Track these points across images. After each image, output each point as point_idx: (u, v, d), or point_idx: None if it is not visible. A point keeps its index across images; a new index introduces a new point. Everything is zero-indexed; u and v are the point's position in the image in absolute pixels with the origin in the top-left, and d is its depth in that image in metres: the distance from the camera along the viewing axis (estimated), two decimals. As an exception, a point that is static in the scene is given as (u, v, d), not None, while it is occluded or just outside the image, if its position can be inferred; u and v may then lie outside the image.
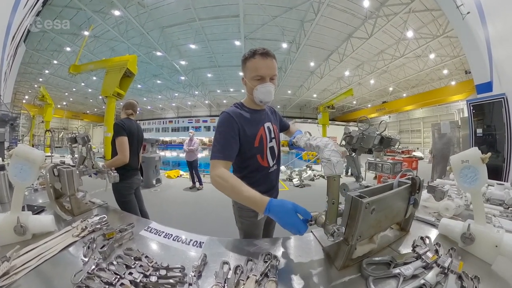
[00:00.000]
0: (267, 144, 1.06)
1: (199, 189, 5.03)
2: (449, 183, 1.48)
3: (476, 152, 0.75)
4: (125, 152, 1.74)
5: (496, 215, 1.03)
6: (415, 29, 10.87)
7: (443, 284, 0.58)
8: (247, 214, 1.08)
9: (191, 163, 5.12)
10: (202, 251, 0.76)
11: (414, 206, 0.81)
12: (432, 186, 1.05)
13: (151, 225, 0.95)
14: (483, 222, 0.76)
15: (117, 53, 12.71)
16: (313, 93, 23.24)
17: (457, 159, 0.81)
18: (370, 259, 0.68)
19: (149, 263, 0.66)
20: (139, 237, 0.86)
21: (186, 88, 21.96)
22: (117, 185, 1.73)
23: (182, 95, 25.32)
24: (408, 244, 0.78)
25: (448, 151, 4.82)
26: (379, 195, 0.67)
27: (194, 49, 13.94)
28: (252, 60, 0.96)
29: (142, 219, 1.11)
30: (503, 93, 3.09)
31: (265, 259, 0.67)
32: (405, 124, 24.39)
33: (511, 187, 1.35)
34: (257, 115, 1.07)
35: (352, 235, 0.62)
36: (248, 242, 0.84)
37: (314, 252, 0.78)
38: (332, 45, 13.45)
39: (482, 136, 3.41)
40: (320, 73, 17.57)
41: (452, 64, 14.30)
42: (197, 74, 19.37)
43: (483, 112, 3.44)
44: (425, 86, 19.06)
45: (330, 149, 0.71)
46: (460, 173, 0.80)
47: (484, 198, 1.27)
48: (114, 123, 1.83)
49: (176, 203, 4.06)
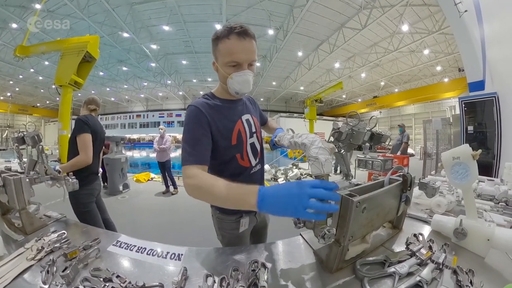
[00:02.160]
0: (247, 140, 0.98)
1: (173, 193, 4.95)
2: (440, 180, 1.64)
3: (467, 149, 0.83)
4: (88, 151, 1.71)
5: (487, 210, 1.16)
6: (411, 23, 11.57)
7: (438, 280, 0.64)
8: (229, 226, 1.01)
9: (163, 164, 4.99)
10: (181, 264, 0.76)
11: (406, 203, 0.87)
12: (423, 182, 1.15)
13: (121, 239, 0.92)
14: (475, 217, 0.85)
15: (76, 32, 11.71)
16: (300, 85, 23.75)
17: (448, 155, 0.89)
18: (364, 259, 0.72)
19: (122, 284, 0.63)
20: (107, 254, 0.82)
21: (157, 76, 21.26)
22: (76, 193, 1.63)
23: (152, 85, 24.49)
24: (402, 242, 0.84)
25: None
26: (370, 193, 0.70)
27: (168, 31, 13.44)
28: (226, 41, 0.82)
29: (109, 233, 1.06)
30: (495, 92, 3.45)
31: (252, 267, 0.68)
32: (396, 120, 25.90)
33: (501, 183, 1.52)
34: (233, 107, 0.97)
35: (343, 236, 0.65)
36: (232, 250, 0.84)
37: (305, 256, 0.80)
38: (322, 35, 13.82)
39: (473, 133, 3.80)
40: (309, 64, 17.98)
41: (446, 61, 15.56)
42: (170, 61, 18.80)
43: (474, 110, 3.83)
44: (417, 82, 20.48)
45: (318, 146, 0.71)
46: (452, 169, 0.88)
47: (475, 193, 1.42)
48: (77, 118, 1.79)
49: (148, 211, 3.96)
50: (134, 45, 14.69)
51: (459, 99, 4.12)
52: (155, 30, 13.68)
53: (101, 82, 22.28)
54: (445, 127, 5.68)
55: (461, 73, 14.51)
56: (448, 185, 1.46)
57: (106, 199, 2.11)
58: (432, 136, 6.09)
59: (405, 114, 24.77)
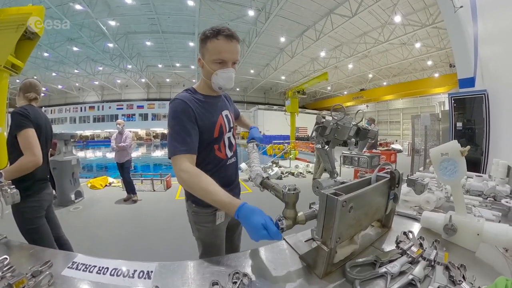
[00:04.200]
0: (225, 134, 1.19)
1: (134, 200, 4.76)
2: (429, 176, 1.81)
3: (455, 145, 0.92)
4: (35, 149, 1.56)
5: (476, 206, 1.29)
6: (404, 14, 12.33)
7: (431, 277, 0.70)
8: (204, 219, 1.15)
9: (122, 166, 4.79)
10: (152, 283, 0.74)
11: (394, 201, 0.94)
12: (412, 179, 1.25)
13: (77, 259, 0.87)
14: (464, 212, 0.95)
15: (15, 1, 10.73)
16: (281, 74, 24.21)
17: (436, 151, 0.97)
18: (354, 261, 0.76)
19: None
20: (62, 280, 0.77)
21: (115, 60, 20.33)
22: (20, 207, 1.52)
23: (109, 70, 23.44)
24: (392, 241, 0.91)
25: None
26: (356, 191, 0.74)
27: (130, 5, 12.90)
28: (214, 41, 1.02)
29: (62, 253, 1.01)
30: (485, 89, 3.82)
31: (233, 279, 0.68)
32: (383, 114, 27.68)
33: (489, 179, 1.72)
34: (214, 102, 1.17)
35: (330, 237, 0.68)
36: (209, 262, 0.84)
37: (291, 262, 0.82)
38: (309, 20, 14.17)
39: (461, 129, 4.20)
40: (292, 52, 18.38)
41: (438, 56, 16.87)
42: (132, 41, 18.11)
43: (464, 106, 4.22)
44: (407, 75, 21.94)
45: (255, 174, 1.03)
46: (440, 165, 0.97)
47: (464, 189, 1.58)
48: (13, 112, 1.63)
49: (108, 223, 3.81)
50: (88, 20, 13.75)
51: (449, 95, 4.52)
52: (115, 3, 13.00)
53: (45, 65, 20.77)
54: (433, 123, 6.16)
55: (452, 69, 15.83)
56: (437, 181, 1.61)
57: (56, 212, 1.98)
58: (420, 132, 6.57)
59: (393, 108, 26.48)
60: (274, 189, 0.92)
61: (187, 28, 15.89)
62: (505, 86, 2.97)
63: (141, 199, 4.81)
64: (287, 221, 0.78)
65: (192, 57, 20.95)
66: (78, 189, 4.84)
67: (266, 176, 1.01)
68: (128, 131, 4.99)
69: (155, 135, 32.72)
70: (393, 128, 26.61)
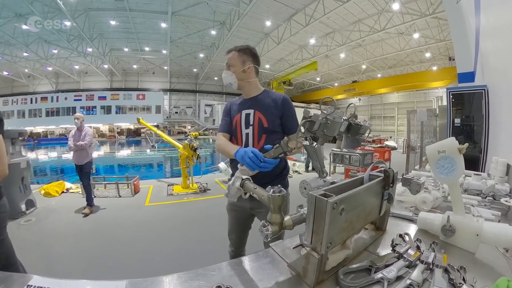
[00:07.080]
0: (241, 129, 1.66)
1: (85, 213, 4.44)
2: (425, 175, 1.89)
3: (453, 142, 0.96)
4: (4, 159, 1.55)
5: (474, 205, 1.35)
6: (403, 2, 12.71)
7: (430, 280, 0.73)
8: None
9: (82, 168, 4.61)
10: None
11: (388, 201, 0.97)
12: (407, 178, 1.30)
13: (32, 282, 0.83)
14: (462, 213, 0.99)
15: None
16: (265, 62, 24.23)
17: (433, 149, 1.02)
18: (347, 267, 0.79)
19: None
20: None
21: (73, 41, 19.48)
22: None
23: (65, 54, 22.35)
24: (387, 244, 0.94)
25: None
26: (348, 192, 0.76)
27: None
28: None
29: (14, 275, 0.95)
30: (485, 85, 4.02)
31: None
32: (377, 109, 28.59)
33: (488, 177, 1.81)
34: (242, 103, 1.73)
35: (320, 243, 0.69)
36: (187, 276, 0.83)
37: (278, 272, 0.83)
38: (298, 2, 14.29)
39: (459, 126, 4.42)
40: (278, 37, 18.54)
41: (436, 48, 17.55)
42: (93, 20, 17.48)
43: (462, 102, 4.44)
44: (403, 68, 22.71)
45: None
46: (437, 164, 1.01)
47: (462, 188, 1.66)
48: None
49: (67, 237, 3.69)
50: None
51: (447, 90, 4.74)
52: (73, -27, 12.38)
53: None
54: (430, 119, 6.44)
55: (451, 62, 16.58)
56: (434, 180, 1.69)
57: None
58: (416, 128, 6.84)
59: (387, 102, 27.39)
60: (256, 192, 0.92)
61: (159, 6, 15.60)
62: (505, 82, 3.13)
63: (89, 213, 4.52)
64: (272, 226, 0.79)
65: (163, 39, 20.55)
66: (29, 197, 4.66)
67: (246, 177, 1.01)
68: (88, 126, 4.83)
69: (119, 131, 31.23)
70: (387, 124, 27.53)
